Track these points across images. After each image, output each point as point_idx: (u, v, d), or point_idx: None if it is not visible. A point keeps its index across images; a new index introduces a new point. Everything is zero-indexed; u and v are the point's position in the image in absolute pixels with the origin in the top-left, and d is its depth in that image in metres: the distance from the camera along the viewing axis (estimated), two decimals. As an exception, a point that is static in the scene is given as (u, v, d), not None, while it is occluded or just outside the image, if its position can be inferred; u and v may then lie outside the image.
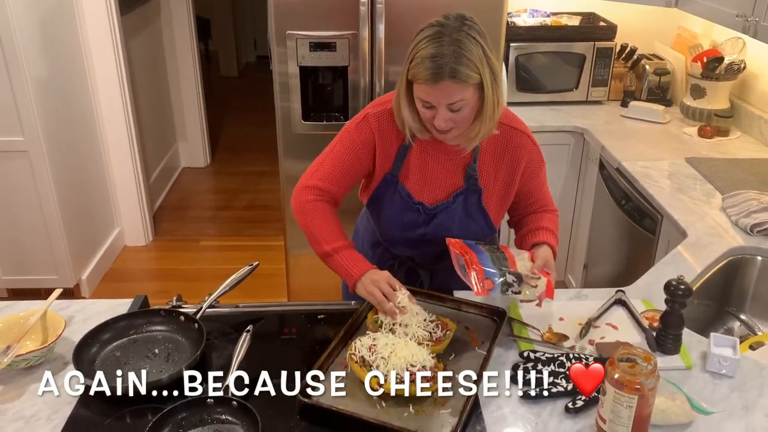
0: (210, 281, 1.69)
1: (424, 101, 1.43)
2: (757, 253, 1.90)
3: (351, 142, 1.60)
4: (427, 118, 1.46)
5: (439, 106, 1.41)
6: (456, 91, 1.39)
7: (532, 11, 3.27)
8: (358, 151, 1.59)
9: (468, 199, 1.61)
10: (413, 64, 1.40)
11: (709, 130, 2.73)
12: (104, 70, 3.47)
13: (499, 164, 1.60)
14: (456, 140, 1.53)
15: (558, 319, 1.54)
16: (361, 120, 1.60)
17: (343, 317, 1.49)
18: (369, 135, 1.58)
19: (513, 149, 1.59)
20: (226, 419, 1.24)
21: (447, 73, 1.36)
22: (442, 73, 1.36)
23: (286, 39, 2.58)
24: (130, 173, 3.75)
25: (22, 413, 1.27)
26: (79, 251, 3.34)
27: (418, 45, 1.40)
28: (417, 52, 1.40)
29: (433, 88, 1.38)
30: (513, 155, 1.60)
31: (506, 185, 1.63)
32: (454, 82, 1.37)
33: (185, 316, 1.48)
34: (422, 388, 1.26)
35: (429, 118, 1.45)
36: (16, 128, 2.95)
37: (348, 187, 1.64)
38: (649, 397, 1.15)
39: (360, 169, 1.62)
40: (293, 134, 2.76)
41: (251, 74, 7.56)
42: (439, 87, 1.38)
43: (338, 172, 1.60)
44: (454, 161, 1.59)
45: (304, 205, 1.59)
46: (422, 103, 1.44)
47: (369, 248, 1.83)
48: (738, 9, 2.25)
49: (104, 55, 3.44)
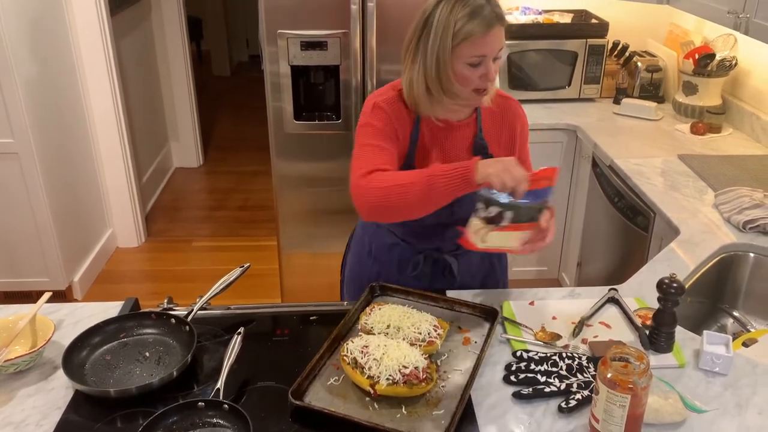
0: (203, 282, 1.68)
1: (476, 57, 1.45)
2: (749, 250, 1.90)
3: (375, 131, 1.56)
4: (473, 78, 1.48)
5: (489, 57, 1.46)
6: (502, 36, 1.47)
7: (524, 9, 3.27)
8: (387, 135, 1.56)
9: None
10: (459, 26, 1.43)
11: (702, 126, 2.74)
12: (95, 71, 3.45)
13: (500, 132, 1.66)
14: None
15: (551, 318, 1.54)
16: (373, 109, 1.58)
17: (336, 318, 1.48)
18: (387, 119, 1.57)
19: (509, 116, 1.66)
20: (218, 422, 1.23)
21: (495, 19, 1.44)
22: (493, 20, 1.43)
23: (277, 38, 2.58)
24: (121, 174, 3.73)
25: (11, 419, 1.25)
26: (70, 253, 3.33)
27: (454, 7, 1.43)
28: (456, 14, 1.43)
29: (487, 37, 1.43)
30: (510, 121, 1.67)
31: (509, 151, 1.67)
32: (501, 25, 1.46)
33: (176, 318, 1.47)
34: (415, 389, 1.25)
35: (476, 77, 1.47)
36: (6, 130, 2.94)
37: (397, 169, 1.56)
38: (642, 396, 1.15)
39: (394, 151, 1.57)
40: (285, 134, 2.75)
41: (243, 74, 7.54)
42: (491, 34, 1.44)
43: (386, 158, 1.54)
44: (461, 136, 1.62)
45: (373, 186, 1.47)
46: (473, 61, 1.45)
47: (385, 251, 1.77)
48: (729, 6, 2.25)
49: (94, 55, 3.42)
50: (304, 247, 2.98)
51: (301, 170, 2.83)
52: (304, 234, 2.95)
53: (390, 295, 1.61)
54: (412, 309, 1.46)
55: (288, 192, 2.87)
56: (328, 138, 2.78)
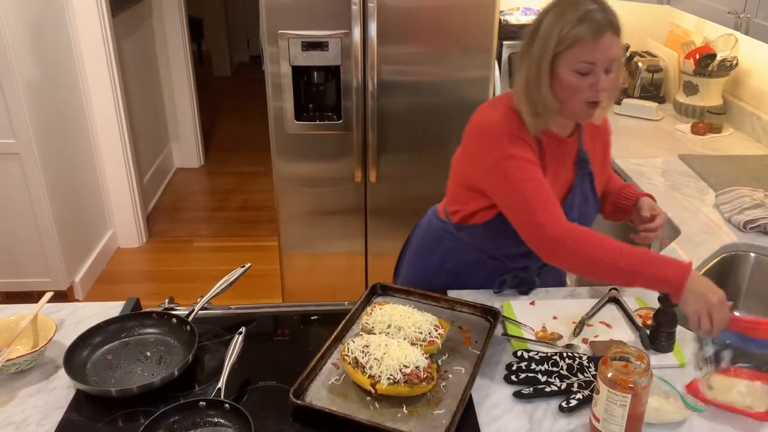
0: (204, 282, 1.68)
1: (585, 64, 1.38)
2: (750, 250, 1.90)
3: (526, 161, 1.45)
4: (581, 88, 1.40)
5: (599, 66, 1.39)
6: (615, 44, 1.39)
7: (524, 9, 3.27)
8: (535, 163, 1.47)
9: (583, 186, 1.61)
10: (567, 30, 1.37)
11: (702, 127, 2.74)
12: (96, 71, 3.46)
13: (595, 144, 1.64)
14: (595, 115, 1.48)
15: (551, 318, 1.54)
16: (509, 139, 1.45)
17: (337, 318, 1.48)
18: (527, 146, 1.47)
19: (601, 127, 1.64)
20: (219, 422, 1.23)
21: (607, 25, 1.37)
22: (604, 26, 1.37)
23: (278, 39, 2.58)
24: (123, 175, 3.73)
25: (12, 418, 1.25)
26: (72, 254, 3.33)
27: (564, 12, 1.38)
28: (566, 18, 1.37)
29: (596, 44, 1.37)
30: (602, 133, 1.65)
31: (602, 161, 1.66)
32: (613, 34, 1.38)
33: (177, 318, 1.47)
34: (416, 388, 1.26)
35: (584, 88, 1.40)
36: (8, 131, 2.94)
37: None
38: (642, 396, 1.15)
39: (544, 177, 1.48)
40: (286, 134, 2.75)
41: (244, 74, 7.54)
42: (602, 42, 1.37)
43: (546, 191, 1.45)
44: (568, 151, 1.58)
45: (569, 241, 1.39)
46: (580, 68, 1.38)
47: (466, 267, 1.70)
48: (730, 6, 2.25)
49: (96, 56, 3.42)
50: (305, 248, 2.98)
51: (302, 170, 2.83)
52: (304, 234, 2.95)
53: (391, 294, 1.61)
54: (413, 309, 1.45)
55: (289, 192, 2.88)
56: (329, 138, 2.78)
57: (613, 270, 1.35)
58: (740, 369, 1.28)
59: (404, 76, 2.68)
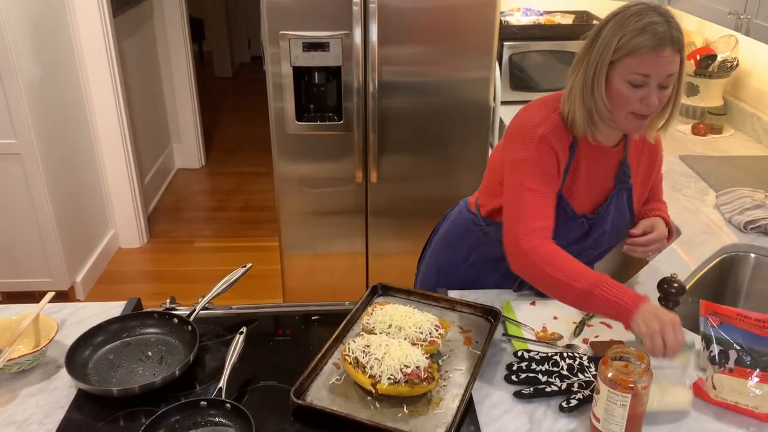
0: (205, 282, 1.69)
1: (639, 75, 1.34)
2: (750, 251, 1.90)
3: (541, 172, 1.45)
4: (631, 99, 1.37)
5: (653, 80, 1.35)
6: (673, 61, 1.35)
7: (525, 10, 3.27)
8: (551, 176, 1.47)
9: (620, 199, 1.59)
10: (626, 38, 1.34)
11: (703, 127, 2.74)
12: (97, 72, 3.46)
13: (640, 159, 1.60)
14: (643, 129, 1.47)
15: (552, 318, 1.54)
16: (540, 143, 1.45)
17: (337, 318, 1.49)
18: (553, 156, 1.46)
19: (650, 145, 1.60)
20: (220, 422, 1.23)
21: (669, 39, 1.33)
22: (665, 40, 1.33)
23: (279, 39, 2.58)
24: (124, 175, 3.74)
25: (14, 418, 1.26)
26: (73, 254, 3.33)
27: (627, 20, 1.35)
28: (627, 27, 1.34)
29: (655, 56, 1.33)
30: (651, 149, 1.61)
31: (645, 181, 1.63)
32: (674, 50, 1.34)
33: (178, 318, 1.48)
34: (416, 388, 1.26)
35: (634, 100, 1.37)
36: (9, 131, 2.94)
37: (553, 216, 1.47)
38: (642, 396, 1.15)
39: (555, 193, 1.48)
40: (287, 135, 2.75)
41: (245, 75, 7.55)
42: (661, 55, 1.33)
43: (543, 208, 1.45)
44: (609, 162, 1.55)
45: (532, 254, 1.40)
46: (633, 80, 1.35)
47: (490, 263, 1.71)
48: (730, 7, 2.25)
49: (97, 56, 3.43)
50: (306, 248, 2.99)
51: (303, 171, 2.83)
52: (305, 235, 2.96)
53: (392, 294, 1.62)
54: (414, 309, 1.46)
55: (290, 193, 2.88)
56: (330, 139, 2.78)
57: (569, 289, 1.35)
58: (745, 369, 1.28)
59: (405, 77, 2.69)
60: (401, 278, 1.83)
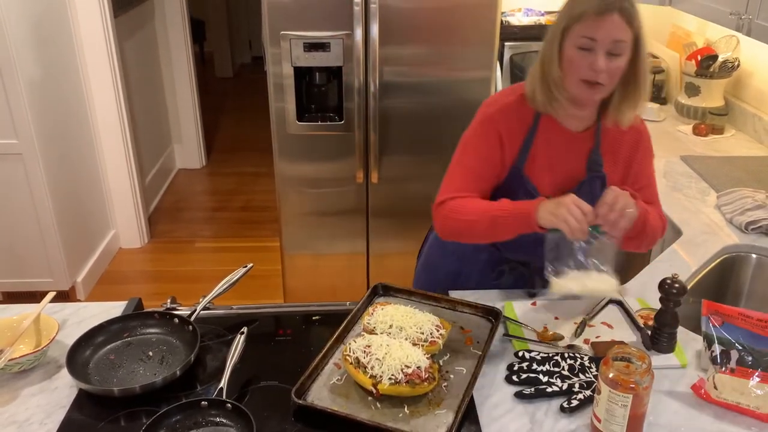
0: (206, 283, 1.69)
1: (585, 39, 1.40)
2: (751, 251, 1.90)
3: (477, 149, 1.55)
4: (580, 65, 1.42)
5: (600, 45, 1.40)
6: (621, 27, 1.39)
7: (526, 10, 3.27)
8: (490, 155, 1.54)
9: (592, 188, 1.58)
10: (576, 6, 1.41)
11: (704, 128, 2.74)
12: (98, 72, 3.46)
13: (618, 150, 1.60)
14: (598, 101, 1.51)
15: (553, 319, 1.54)
16: (483, 122, 1.56)
17: (338, 318, 1.49)
18: (496, 135, 1.54)
19: (631, 135, 1.59)
20: (221, 422, 1.23)
21: (616, 7, 1.38)
22: (612, 6, 1.38)
23: (280, 40, 2.58)
24: (125, 175, 3.74)
25: (15, 417, 1.26)
26: (74, 254, 3.33)
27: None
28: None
29: (600, 20, 1.38)
30: (631, 141, 1.60)
31: (624, 173, 1.62)
32: (621, 17, 1.39)
33: (179, 318, 1.48)
34: (417, 389, 1.26)
35: (583, 66, 1.41)
36: (10, 131, 2.95)
37: (486, 191, 1.57)
38: (643, 396, 1.15)
39: (492, 172, 1.57)
40: (288, 135, 2.76)
41: (246, 75, 7.55)
42: (606, 19, 1.38)
43: (471, 181, 1.54)
44: (578, 149, 1.57)
45: (445, 215, 1.53)
46: (581, 44, 1.40)
47: (470, 252, 1.74)
48: (732, 7, 2.25)
49: (98, 57, 3.43)
50: (307, 248, 2.99)
51: (304, 171, 2.83)
52: (306, 235, 2.96)
53: (392, 295, 1.61)
54: (415, 309, 1.46)
55: (290, 193, 2.88)
56: (331, 139, 2.78)
57: (479, 225, 1.47)
58: (747, 369, 1.28)
59: (406, 77, 2.69)
60: (402, 278, 1.83)
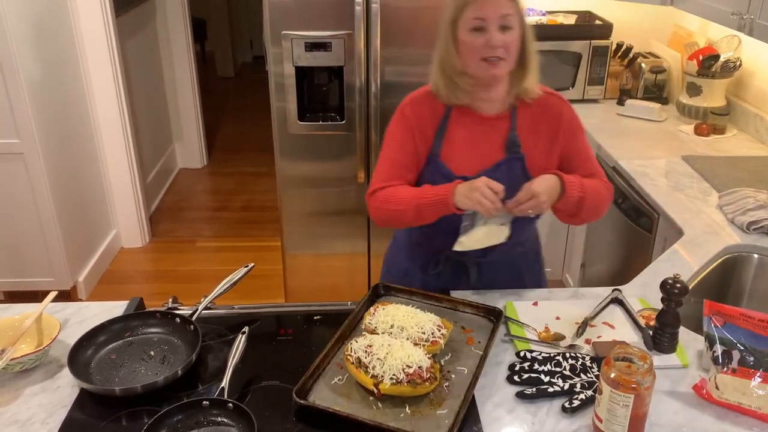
0: (207, 282, 1.69)
1: (477, 20, 1.47)
2: (753, 251, 1.90)
3: (396, 141, 1.65)
4: (477, 46, 1.48)
5: (490, 22, 1.46)
6: (505, 3, 1.47)
7: (527, 10, 3.26)
8: (406, 145, 1.63)
9: (511, 168, 1.60)
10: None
11: (706, 128, 2.73)
12: (99, 72, 3.47)
13: (537, 129, 1.62)
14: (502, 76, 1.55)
15: (554, 319, 1.54)
16: (398, 116, 1.66)
17: (340, 318, 1.49)
18: (408, 127, 1.63)
19: (550, 112, 1.63)
20: (222, 421, 1.23)
21: None
22: None
23: (282, 39, 2.58)
24: (126, 175, 3.74)
25: (17, 417, 1.26)
26: (75, 253, 3.34)
27: None
28: None
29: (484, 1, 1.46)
30: (551, 118, 1.63)
31: (547, 150, 1.63)
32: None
33: (181, 318, 1.48)
34: (419, 388, 1.26)
35: (480, 46, 1.48)
36: (11, 130, 2.95)
37: (411, 178, 1.65)
38: (645, 396, 1.15)
39: (412, 159, 1.64)
40: (289, 134, 2.76)
41: (248, 75, 7.55)
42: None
43: (395, 171, 1.63)
44: (493, 132, 1.61)
45: (377, 206, 1.62)
46: (474, 25, 1.47)
47: (413, 247, 1.81)
48: (733, 7, 2.25)
49: (99, 56, 3.43)
50: (308, 248, 2.99)
51: (305, 171, 2.83)
52: (307, 235, 2.96)
53: (394, 295, 1.62)
54: (416, 309, 1.46)
55: (292, 193, 2.88)
56: (332, 139, 2.78)
57: (404, 214, 1.56)
58: (749, 369, 1.28)
59: (407, 77, 2.68)
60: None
